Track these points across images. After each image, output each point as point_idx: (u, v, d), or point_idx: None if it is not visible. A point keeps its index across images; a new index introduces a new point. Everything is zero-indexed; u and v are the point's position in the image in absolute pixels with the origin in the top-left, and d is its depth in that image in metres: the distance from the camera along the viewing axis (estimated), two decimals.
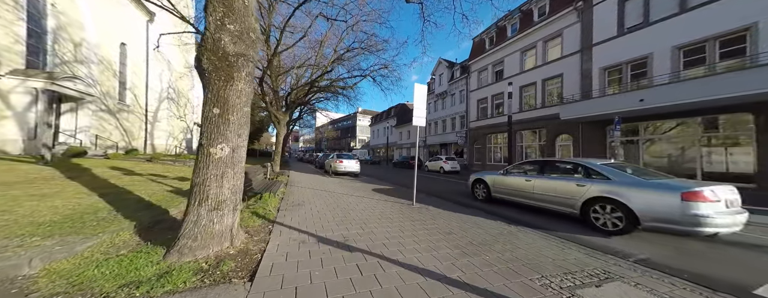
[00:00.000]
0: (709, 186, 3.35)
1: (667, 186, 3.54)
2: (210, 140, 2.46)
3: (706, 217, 3.14)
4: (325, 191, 7.39)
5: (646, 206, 3.55)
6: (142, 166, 8.95)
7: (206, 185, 2.41)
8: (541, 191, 4.92)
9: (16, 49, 9.42)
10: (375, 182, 10.32)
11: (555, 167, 5.07)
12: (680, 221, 3.27)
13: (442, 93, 25.80)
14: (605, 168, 4.21)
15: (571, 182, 4.45)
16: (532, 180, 5.17)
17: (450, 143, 24.89)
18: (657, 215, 3.46)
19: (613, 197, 3.80)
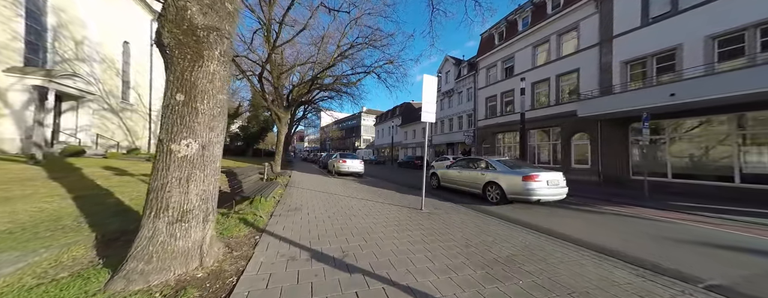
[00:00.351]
0: (538, 172, 5.68)
1: (518, 172, 5.83)
2: (171, 134, 1.95)
3: (533, 190, 5.50)
4: (326, 192, 6.89)
5: (508, 185, 5.85)
6: (138, 165, 8.63)
7: (166, 190, 1.91)
8: (464, 179, 7.38)
9: (15, 46, 9.24)
10: (380, 184, 9.79)
11: (473, 162, 7.45)
12: (522, 193, 5.61)
13: (448, 91, 25.09)
14: (496, 162, 6.56)
15: (478, 172, 6.83)
16: (461, 172, 7.60)
17: (457, 143, 24.17)
18: (512, 190, 5.47)
19: (495, 181, 6.15)
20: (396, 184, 9.96)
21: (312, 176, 11.51)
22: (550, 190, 5.58)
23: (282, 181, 8.87)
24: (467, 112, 22.48)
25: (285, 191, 6.72)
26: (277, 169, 10.36)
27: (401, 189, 8.34)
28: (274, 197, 5.79)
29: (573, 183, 12.02)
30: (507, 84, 17.81)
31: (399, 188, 8.75)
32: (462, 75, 23.20)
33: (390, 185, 9.32)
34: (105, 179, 5.81)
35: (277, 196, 6.01)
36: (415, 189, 8.57)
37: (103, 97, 13.90)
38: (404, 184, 10.15)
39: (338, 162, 12.39)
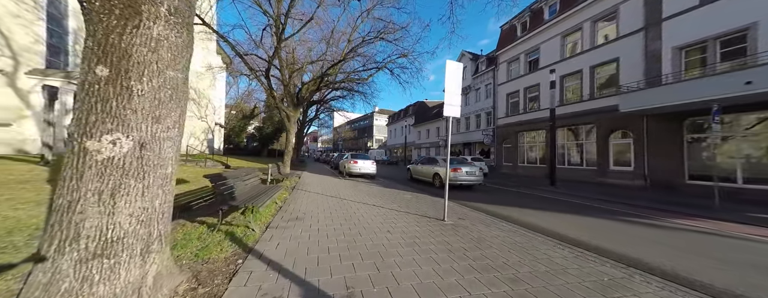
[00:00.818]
0: (461, 166, 9.15)
1: (451, 165, 8.59)
2: (87, 126, 1.32)
3: (458, 177, 8.94)
4: (334, 197, 6.24)
5: (445, 175, 6.55)
6: None
7: (75, 211, 1.27)
8: (423, 172, 10.90)
9: (36, 49, 9.47)
10: (394, 186, 9.03)
11: (430, 160, 10.93)
12: (453, 179, 8.82)
13: (465, 88, 23.80)
14: (441, 160, 9.94)
15: (431, 166, 10.34)
16: (422, 167, 11.17)
17: (474, 143, 22.86)
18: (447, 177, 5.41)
19: (438, 172, 9.53)
20: (413, 187, 9.16)
21: (322, 178, 10.97)
22: (468, 177, 9.09)
23: (289, 183, 8.36)
24: (486, 109, 21.15)
25: (290, 195, 6.15)
26: (286, 170, 9.90)
27: (419, 194, 7.54)
28: (277, 201, 5.22)
29: (613, 188, 10.66)
30: (531, 78, 16.40)
31: (416, 191, 7.94)
32: (480, 71, 21.89)
33: (406, 189, 8.53)
34: None
35: (281, 201, 5.43)
36: (432, 193, 7.74)
37: None
38: (421, 188, 9.32)
39: (349, 163, 11.77)
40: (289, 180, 8.71)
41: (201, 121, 22.81)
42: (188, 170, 9.04)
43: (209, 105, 24.57)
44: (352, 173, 11.75)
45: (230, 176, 3.78)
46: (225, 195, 3.26)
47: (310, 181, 9.56)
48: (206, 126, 23.92)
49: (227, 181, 3.47)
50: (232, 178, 3.67)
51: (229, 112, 36.51)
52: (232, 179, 3.67)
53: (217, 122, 27.33)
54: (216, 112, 26.44)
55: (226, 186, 3.35)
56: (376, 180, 11.63)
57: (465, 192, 8.69)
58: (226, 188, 3.34)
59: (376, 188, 8.34)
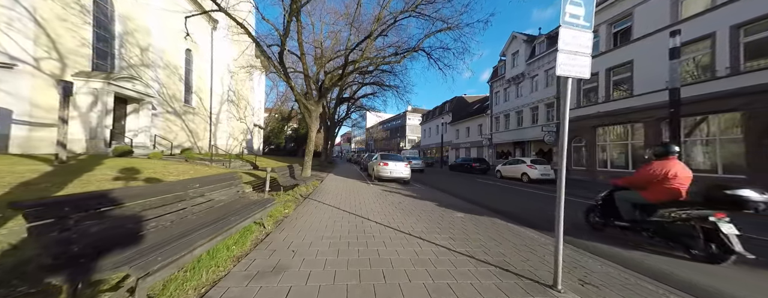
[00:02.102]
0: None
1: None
2: None
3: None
4: (354, 214, 4.43)
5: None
6: (167, 168, 7.91)
7: None
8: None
9: (83, 52, 9.90)
10: (436, 197, 6.88)
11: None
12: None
13: (516, 77, 20.11)
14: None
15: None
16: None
17: (529, 141, 19.04)
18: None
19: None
20: (460, 199, 6.87)
21: (347, 182, 9.39)
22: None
23: (304, 190, 6.88)
24: (546, 100, 17.30)
25: (294, 211, 4.53)
26: (305, 172, 8.53)
27: (474, 211, 5.27)
28: (270, 218, 3.61)
29: None
30: (617, 55, 12.43)
31: (469, 207, 5.68)
32: (537, 54, 18.08)
33: (452, 201, 6.32)
34: (88, 184, 4.66)
35: (270, 225, 3.82)
36: (492, 207, 5.39)
37: (167, 101, 14.94)
38: (472, 199, 6.99)
39: (379, 165, 9.97)
40: (306, 186, 7.25)
41: (240, 122, 23.81)
42: (205, 171, 8.26)
43: (248, 106, 25.64)
44: (382, 177, 9.92)
45: (172, 189, 2.21)
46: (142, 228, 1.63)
47: (330, 187, 8.00)
48: (245, 127, 24.96)
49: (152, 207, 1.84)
50: (178, 191, 2.07)
51: (272, 115, 38.44)
52: (181, 190, 2.07)
53: (256, 123, 28.57)
54: (254, 114, 27.59)
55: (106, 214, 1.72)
56: (411, 186, 9.60)
57: (548, 203, 6.09)
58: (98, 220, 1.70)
59: (412, 199, 6.32)
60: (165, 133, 14.83)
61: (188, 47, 16.83)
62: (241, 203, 3.20)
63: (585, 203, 7.76)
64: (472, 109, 31.04)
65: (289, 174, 6.38)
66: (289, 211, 4.44)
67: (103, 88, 9.89)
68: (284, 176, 5.88)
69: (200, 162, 10.64)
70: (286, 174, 6.17)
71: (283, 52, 6.95)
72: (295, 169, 7.26)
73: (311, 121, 8.99)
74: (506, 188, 10.22)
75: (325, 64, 11.28)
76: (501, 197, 8.14)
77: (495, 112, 23.64)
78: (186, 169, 8.23)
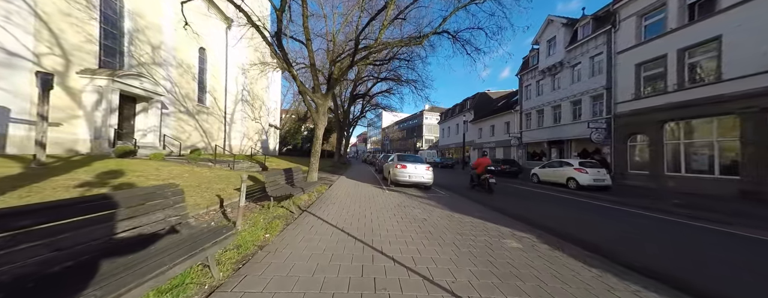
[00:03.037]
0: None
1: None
2: None
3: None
4: (362, 243, 3.05)
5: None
6: (160, 170, 7.12)
7: None
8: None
9: (89, 49, 9.56)
10: (465, 208, 5.32)
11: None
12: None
13: (551, 67, 17.66)
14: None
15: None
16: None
17: (567, 140, 16.57)
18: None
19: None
20: (499, 212, 5.25)
21: (358, 187, 8.08)
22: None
23: (306, 198, 5.64)
24: (592, 92, 14.81)
25: (276, 237, 3.25)
26: (312, 176, 7.35)
27: (529, 234, 3.66)
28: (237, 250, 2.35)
29: None
30: (698, 31, 9.92)
31: (519, 227, 4.07)
32: (580, 39, 15.59)
33: (491, 216, 4.73)
34: (42, 192, 3.75)
35: (236, 259, 2.55)
36: (567, 238, 3.71)
37: (179, 100, 14.67)
38: (516, 213, 5.34)
39: (396, 168, 8.55)
40: (308, 193, 6.03)
41: (254, 122, 23.60)
42: (175, 172, 7.37)
43: (263, 106, 25.43)
44: (399, 181, 8.49)
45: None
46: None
47: (338, 194, 6.71)
48: (260, 127, 24.75)
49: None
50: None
51: (289, 117, 38.52)
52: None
53: (271, 124, 28.42)
54: (270, 114, 27.40)
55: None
56: (434, 192, 8.07)
57: (622, 223, 4.28)
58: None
59: (439, 214, 4.82)
60: (178, 134, 14.56)
61: (202, 46, 16.59)
62: (180, 238, 1.94)
63: (651, 215, 5.78)
64: (497, 106, 28.53)
65: (285, 179, 5.16)
66: (272, 235, 3.16)
67: (108, 85, 9.48)
68: (277, 183, 4.65)
69: (203, 163, 9.92)
70: (281, 179, 4.95)
71: (281, 33, 5.81)
72: (296, 172, 6.05)
73: (318, 117, 7.79)
74: (553, 198, 8.31)
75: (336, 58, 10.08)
76: (553, 210, 6.36)
77: (525, 107, 21.19)
78: (181, 171, 7.40)
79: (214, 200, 4.82)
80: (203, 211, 4.26)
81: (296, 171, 6.19)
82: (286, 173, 5.36)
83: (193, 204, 4.34)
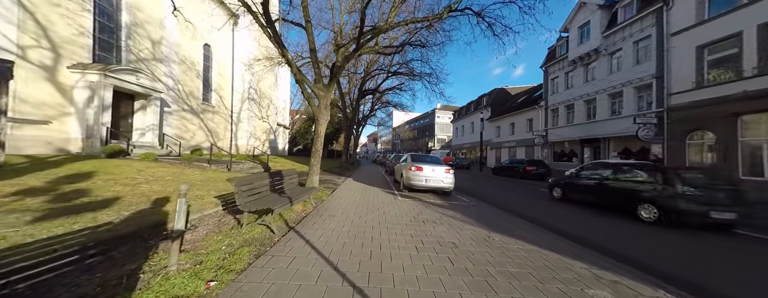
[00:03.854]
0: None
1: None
2: None
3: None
4: (357, 292, 1.84)
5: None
6: (141, 173, 6.28)
7: None
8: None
9: (81, 42, 9.01)
10: (502, 224, 3.95)
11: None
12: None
13: (584, 56, 15.67)
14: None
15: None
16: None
17: (604, 138, 14.57)
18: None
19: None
20: (555, 233, 3.85)
21: (367, 192, 6.89)
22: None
23: (299, 208, 4.50)
24: (637, 82, 12.81)
25: (229, 286, 2.09)
26: (311, 180, 6.25)
27: (618, 275, 2.28)
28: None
29: None
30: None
31: (587, 255, 2.69)
32: (620, 22, 13.58)
33: (544, 240, 3.36)
34: None
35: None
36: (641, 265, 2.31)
37: (183, 98, 14.15)
38: (578, 235, 3.93)
39: (410, 170, 7.28)
40: (303, 202, 4.90)
41: (262, 121, 23.06)
42: (157, 175, 6.48)
43: (271, 105, 24.88)
44: (414, 186, 7.21)
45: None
46: None
47: (341, 202, 5.55)
48: (268, 126, 24.21)
49: None
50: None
51: (300, 117, 38.11)
52: None
53: (280, 123, 27.90)
54: (278, 113, 26.85)
55: None
56: (454, 197, 6.74)
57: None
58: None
59: (471, 234, 3.50)
60: (181, 133, 14.04)
61: (207, 42, 16.07)
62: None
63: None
64: (517, 102, 26.46)
65: (270, 185, 4.04)
66: (223, 282, 2.00)
67: (100, 81, 8.87)
68: (254, 191, 3.54)
69: (198, 164, 9.12)
70: (264, 186, 3.83)
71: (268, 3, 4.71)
72: (289, 176, 4.96)
73: (319, 112, 6.67)
74: (613, 210, 6.74)
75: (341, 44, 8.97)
76: (624, 228, 4.86)
77: (551, 103, 19.19)
78: (166, 173, 6.53)
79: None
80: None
81: (289, 174, 5.08)
82: (273, 178, 4.24)
83: (138, 221, 3.30)
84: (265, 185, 3.88)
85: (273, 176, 4.28)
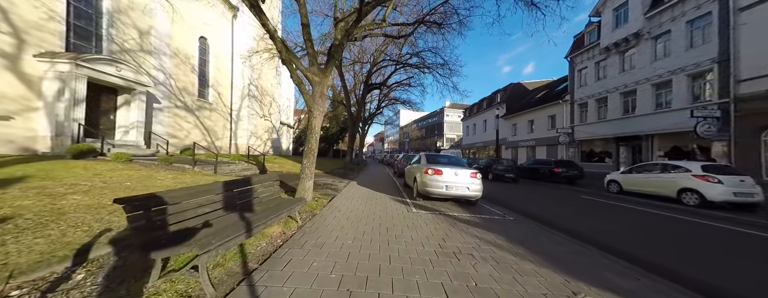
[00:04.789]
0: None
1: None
2: None
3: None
4: None
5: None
6: (92, 179, 5.10)
7: None
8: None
9: (51, 28, 8.02)
10: (573, 255, 2.41)
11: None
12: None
13: (620, 42, 13.71)
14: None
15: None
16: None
17: (647, 135, 12.62)
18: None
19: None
20: (665, 278, 2.30)
21: (373, 199, 5.48)
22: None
23: (277, 232, 3.11)
24: (692, 69, 10.85)
25: None
26: (304, 187, 4.92)
27: None
28: None
29: None
30: None
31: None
32: (668, 0, 11.62)
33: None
34: None
35: None
36: None
37: (175, 94, 13.17)
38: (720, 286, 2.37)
39: (426, 174, 5.81)
40: (280, 223, 3.54)
41: (264, 120, 22.05)
42: (109, 180, 5.27)
43: (273, 103, 23.85)
44: (431, 193, 5.72)
45: None
46: None
47: (336, 222, 4.15)
48: (270, 125, 23.19)
49: None
50: None
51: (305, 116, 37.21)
52: None
53: (283, 122, 26.87)
54: (281, 112, 25.82)
55: None
56: (480, 207, 5.22)
57: None
58: None
59: (541, 283, 2.01)
60: (174, 131, 13.06)
61: (203, 35, 15.07)
62: None
63: None
64: (536, 98, 24.44)
65: (223, 202, 2.68)
66: None
67: (72, 71, 7.84)
68: (181, 218, 2.17)
69: (179, 165, 7.96)
70: (201, 205, 2.45)
71: None
72: (264, 184, 3.62)
73: (312, 101, 5.33)
74: (686, 224, 5.06)
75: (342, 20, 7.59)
76: (732, 260, 3.26)
77: (579, 96, 17.22)
78: (126, 178, 5.33)
79: (74, 246, 2.48)
80: None
81: (267, 180, 3.73)
82: (234, 188, 2.88)
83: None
84: (214, 201, 2.51)
85: (234, 185, 2.92)
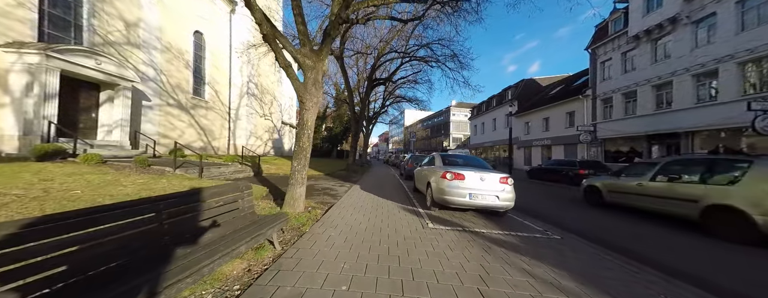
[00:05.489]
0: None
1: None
2: None
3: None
4: None
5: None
6: (45, 182, 4.17)
7: None
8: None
9: (20, 16, 7.24)
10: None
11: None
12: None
13: (654, 27, 12.31)
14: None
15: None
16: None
17: (686, 132, 11.17)
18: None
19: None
20: None
21: (379, 208, 4.39)
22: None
23: (236, 273, 2.04)
24: (745, 55, 9.43)
25: None
26: (292, 196, 3.91)
27: None
28: None
29: None
30: None
31: None
32: None
33: None
34: None
35: None
36: None
37: (167, 91, 12.38)
38: None
39: (444, 179, 4.68)
40: (244, 257, 2.47)
41: (264, 119, 21.26)
42: (53, 185, 4.30)
43: (274, 102, 23.06)
44: (451, 202, 4.60)
45: None
46: None
47: (327, 248, 3.07)
48: (271, 125, 22.38)
49: None
50: None
51: None
52: None
53: (285, 122, 26.08)
54: (283, 111, 25.03)
55: None
56: (512, 221, 4.05)
57: None
58: None
59: None
60: (166, 131, 12.27)
61: (198, 29, 14.27)
62: None
63: None
64: (551, 94, 22.98)
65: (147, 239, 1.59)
66: None
67: (42, 63, 7.03)
68: None
69: (158, 168, 7.03)
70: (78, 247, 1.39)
71: None
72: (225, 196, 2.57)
73: (304, 90, 4.31)
74: None
75: None
76: None
77: (602, 91, 15.79)
78: (82, 185, 4.39)
79: None
80: None
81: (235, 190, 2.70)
82: (158, 208, 1.82)
83: None
84: (129, 229, 1.46)
85: (177, 200, 1.87)
